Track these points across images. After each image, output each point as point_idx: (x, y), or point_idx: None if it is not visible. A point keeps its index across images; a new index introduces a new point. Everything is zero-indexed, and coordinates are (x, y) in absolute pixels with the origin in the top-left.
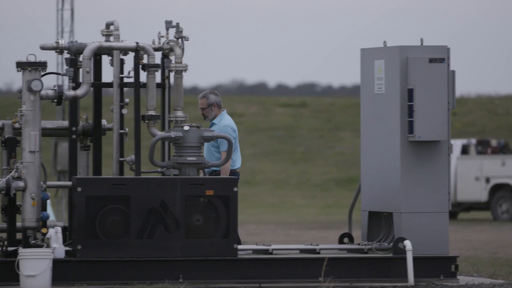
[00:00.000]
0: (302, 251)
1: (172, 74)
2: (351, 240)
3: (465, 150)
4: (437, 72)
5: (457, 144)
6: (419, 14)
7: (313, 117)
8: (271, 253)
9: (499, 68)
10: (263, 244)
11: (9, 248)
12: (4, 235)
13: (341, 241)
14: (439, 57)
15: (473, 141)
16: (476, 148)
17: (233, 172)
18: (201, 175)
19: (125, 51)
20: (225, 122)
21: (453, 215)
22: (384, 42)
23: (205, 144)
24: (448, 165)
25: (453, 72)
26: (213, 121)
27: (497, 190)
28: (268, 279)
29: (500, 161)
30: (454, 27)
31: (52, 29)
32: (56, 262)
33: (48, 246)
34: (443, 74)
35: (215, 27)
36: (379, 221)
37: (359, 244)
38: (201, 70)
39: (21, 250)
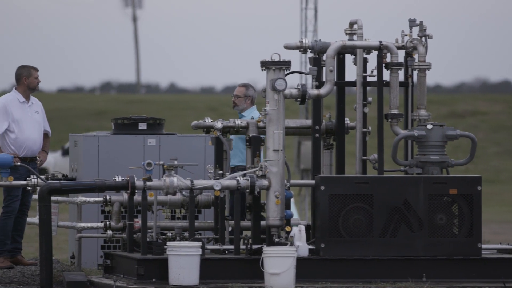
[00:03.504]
0: None
1: (415, 73)
2: None
3: None
4: None
5: None
6: None
7: None
8: None
9: None
10: (508, 244)
11: (254, 246)
12: (248, 233)
13: None
14: None
15: None
16: None
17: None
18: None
19: (368, 49)
20: (256, 114)
21: None
22: None
23: (235, 140)
24: None
25: None
26: (243, 114)
27: None
28: None
29: None
30: None
31: (295, 28)
32: (299, 260)
33: (292, 244)
34: None
35: (457, 24)
36: None
37: None
38: (444, 69)
39: (266, 248)
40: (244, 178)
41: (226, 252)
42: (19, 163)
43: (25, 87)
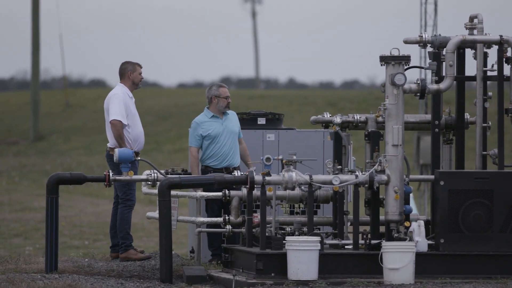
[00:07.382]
0: None
1: None
2: None
3: None
4: None
5: None
6: None
7: None
8: None
9: None
10: None
11: (373, 241)
12: (367, 228)
13: None
14: None
15: None
16: None
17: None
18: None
19: (488, 44)
20: (233, 112)
21: None
22: None
23: (229, 134)
24: None
25: None
26: (227, 112)
27: None
28: None
29: None
30: None
31: (415, 22)
32: (419, 256)
33: (411, 239)
34: None
35: None
36: None
37: None
38: None
39: (385, 243)
40: (363, 173)
41: (345, 247)
42: (139, 158)
43: (130, 81)
